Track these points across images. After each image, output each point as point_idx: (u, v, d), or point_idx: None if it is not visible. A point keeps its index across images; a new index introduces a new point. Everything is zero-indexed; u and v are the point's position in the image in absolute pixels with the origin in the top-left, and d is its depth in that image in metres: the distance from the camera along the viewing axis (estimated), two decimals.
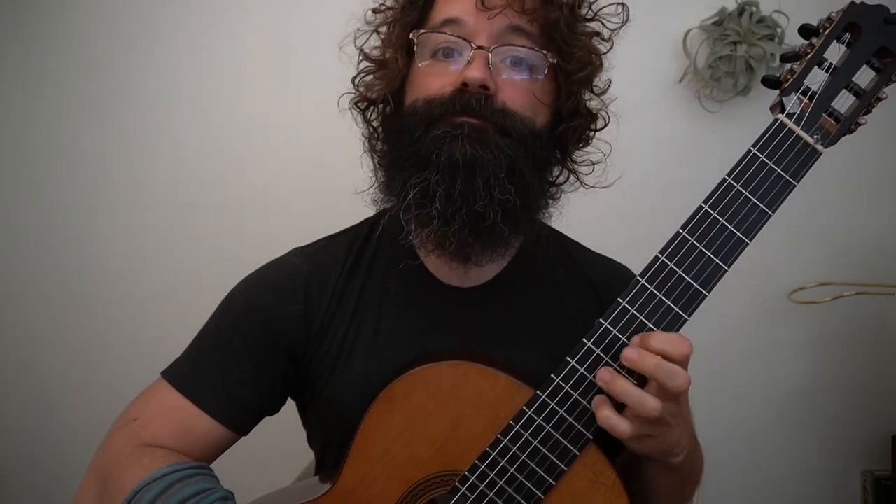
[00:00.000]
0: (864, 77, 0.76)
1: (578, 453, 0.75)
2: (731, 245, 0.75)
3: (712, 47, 1.61)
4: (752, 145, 0.76)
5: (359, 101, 0.92)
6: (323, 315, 0.88)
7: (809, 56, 0.76)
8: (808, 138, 0.75)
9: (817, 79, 0.76)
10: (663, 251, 0.76)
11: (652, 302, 0.75)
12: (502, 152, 0.79)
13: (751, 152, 0.76)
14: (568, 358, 0.76)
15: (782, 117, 0.76)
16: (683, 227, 0.76)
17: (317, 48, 1.59)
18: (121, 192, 1.75)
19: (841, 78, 0.76)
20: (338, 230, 0.98)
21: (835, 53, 0.76)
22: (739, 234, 0.75)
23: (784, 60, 0.79)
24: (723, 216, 0.75)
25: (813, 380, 1.73)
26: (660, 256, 0.76)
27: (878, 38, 0.75)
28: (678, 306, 0.75)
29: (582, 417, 0.75)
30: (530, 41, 0.83)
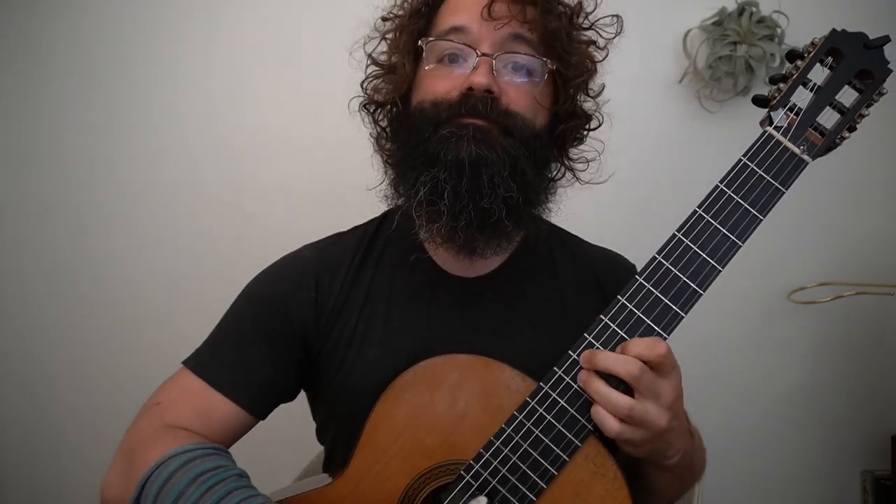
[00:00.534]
0: (849, 96, 0.84)
1: (580, 445, 0.80)
2: (725, 247, 0.82)
3: (712, 47, 1.64)
4: (743, 155, 0.83)
5: (368, 104, 1.00)
6: (334, 302, 0.95)
7: (795, 76, 0.84)
8: (795, 149, 0.83)
9: (803, 97, 0.83)
10: (660, 252, 0.83)
11: (649, 300, 0.81)
12: (506, 152, 0.87)
13: (741, 161, 0.83)
14: (570, 351, 0.82)
15: (770, 129, 0.83)
16: (679, 229, 0.83)
17: (320, 50, 1.66)
18: (124, 193, 1.77)
19: (824, 96, 0.84)
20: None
21: (820, 76, 0.84)
22: (733, 237, 0.82)
23: (772, 82, 0.87)
24: (716, 220, 0.82)
25: (813, 380, 1.76)
26: (657, 257, 0.82)
27: (859, 61, 0.84)
28: (675, 304, 0.81)
29: (583, 410, 0.80)
30: (531, 48, 0.91)
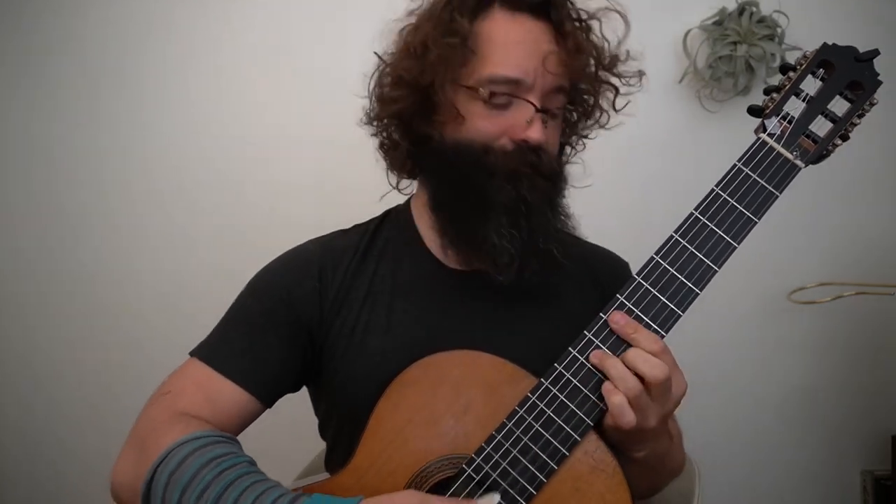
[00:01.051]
0: (841, 106, 0.91)
1: (580, 439, 0.84)
2: (721, 248, 0.87)
3: (712, 47, 1.68)
4: (738, 160, 0.89)
5: (388, 117, 1.05)
6: (336, 292, 1.01)
7: (787, 87, 0.91)
8: (788, 154, 0.89)
9: (796, 107, 0.90)
10: (658, 252, 0.88)
11: (647, 298, 0.87)
12: (548, 195, 0.98)
13: (736, 166, 0.89)
14: (570, 348, 0.86)
15: (764, 136, 0.90)
16: (676, 231, 0.89)
17: (320, 50, 1.71)
18: (123, 194, 1.81)
19: (816, 106, 0.90)
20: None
21: (812, 87, 0.91)
22: (728, 239, 0.87)
23: (766, 93, 0.93)
24: (712, 222, 0.88)
25: (813, 380, 1.81)
26: (655, 257, 0.88)
27: (850, 73, 0.90)
28: (673, 303, 0.86)
29: (583, 404, 0.85)
30: (566, 97, 1.01)
